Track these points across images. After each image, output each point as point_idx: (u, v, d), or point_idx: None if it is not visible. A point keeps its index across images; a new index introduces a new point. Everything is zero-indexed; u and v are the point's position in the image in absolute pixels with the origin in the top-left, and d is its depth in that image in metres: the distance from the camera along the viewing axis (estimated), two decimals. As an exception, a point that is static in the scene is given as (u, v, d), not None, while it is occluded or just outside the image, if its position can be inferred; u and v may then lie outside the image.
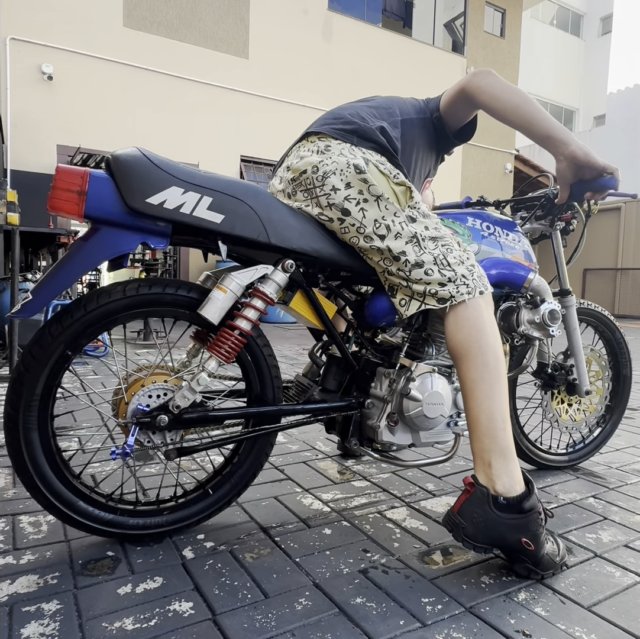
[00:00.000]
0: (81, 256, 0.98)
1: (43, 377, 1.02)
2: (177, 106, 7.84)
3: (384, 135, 1.21)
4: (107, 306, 1.04)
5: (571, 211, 1.52)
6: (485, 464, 1.08)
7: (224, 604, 0.94)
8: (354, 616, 0.92)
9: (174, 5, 7.71)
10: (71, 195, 0.95)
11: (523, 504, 1.06)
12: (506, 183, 11.43)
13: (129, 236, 1.00)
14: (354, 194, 1.13)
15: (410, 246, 1.13)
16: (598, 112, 17.59)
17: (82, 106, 7.21)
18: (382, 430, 1.23)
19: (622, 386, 1.81)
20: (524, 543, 1.04)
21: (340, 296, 1.30)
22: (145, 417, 1.07)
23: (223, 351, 1.08)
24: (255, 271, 1.10)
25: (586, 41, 18.32)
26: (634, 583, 1.06)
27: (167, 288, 1.08)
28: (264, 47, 8.43)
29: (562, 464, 1.72)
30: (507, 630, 0.89)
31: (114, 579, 1.01)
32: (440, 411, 1.24)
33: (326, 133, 1.20)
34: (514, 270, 1.36)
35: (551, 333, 1.38)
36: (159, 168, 0.99)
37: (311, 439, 1.97)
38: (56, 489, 1.06)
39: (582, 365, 1.63)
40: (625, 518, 1.36)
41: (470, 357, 1.10)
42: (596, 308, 1.74)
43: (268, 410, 1.18)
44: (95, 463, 1.61)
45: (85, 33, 7.15)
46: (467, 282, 1.13)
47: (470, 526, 1.05)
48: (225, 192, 1.04)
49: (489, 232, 1.35)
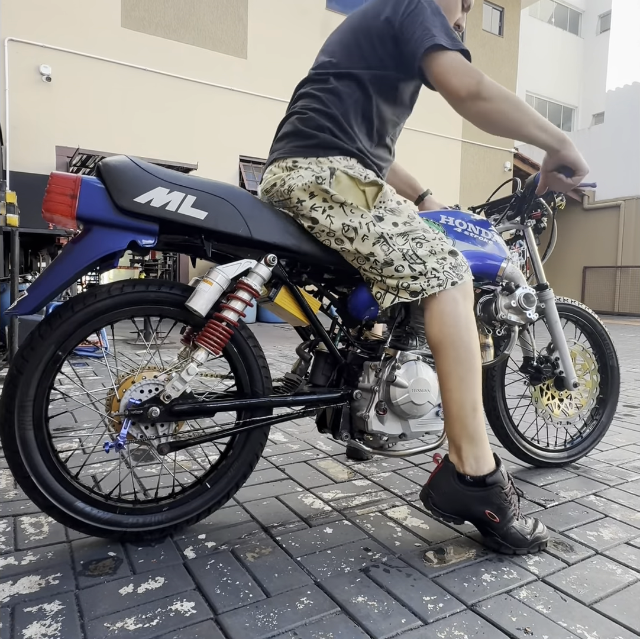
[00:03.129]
0: (74, 255, 1.02)
1: (35, 379, 1.04)
2: (175, 106, 7.84)
3: (347, 139, 1.22)
4: (93, 306, 1.07)
5: (540, 209, 1.57)
6: (456, 447, 1.17)
7: (225, 603, 0.94)
8: (356, 615, 0.92)
9: (172, 5, 7.71)
10: (64, 198, 1.01)
11: (486, 479, 1.14)
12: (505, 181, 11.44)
13: (119, 234, 1.05)
14: (319, 203, 1.18)
15: (377, 246, 1.16)
16: (597, 110, 17.57)
17: (81, 107, 7.21)
18: (372, 420, 1.25)
19: (610, 376, 1.82)
20: (488, 514, 1.13)
21: (325, 293, 1.35)
22: (137, 410, 1.09)
23: (212, 342, 1.12)
24: (240, 265, 1.15)
25: (585, 39, 18.30)
26: (635, 580, 1.06)
27: (150, 286, 1.12)
28: (263, 46, 8.43)
29: (562, 460, 1.72)
30: (508, 628, 0.89)
31: (116, 580, 1.01)
32: (427, 397, 1.27)
33: (291, 156, 1.23)
34: (487, 260, 1.40)
35: (528, 316, 1.41)
36: (145, 171, 1.06)
37: (312, 439, 1.97)
38: (54, 490, 1.06)
39: (567, 358, 1.63)
40: (626, 515, 1.36)
41: (442, 350, 1.16)
42: (574, 303, 1.75)
43: (258, 401, 1.20)
44: (96, 464, 1.61)
45: (84, 34, 7.15)
46: (438, 275, 1.16)
47: (437, 496, 1.17)
48: (208, 191, 1.11)
49: (462, 228, 1.39)
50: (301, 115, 1.25)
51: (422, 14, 1.15)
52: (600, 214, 12.63)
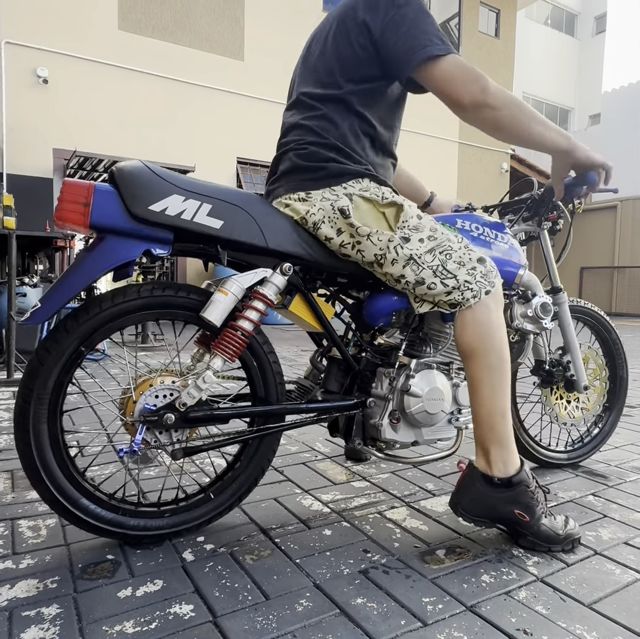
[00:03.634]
0: (87, 265, 1.01)
1: (56, 372, 1.04)
2: (173, 109, 7.84)
3: (353, 159, 1.18)
4: (121, 305, 1.07)
5: (557, 211, 1.55)
6: (484, 451, 1.19)
7: (224, 606, 0.94)
8: (355, 617, 0.92)
9: (169, 8, 7.72)
10: (77, 206, 0.99)
11: (512, 479, 1.16)
12: (502, 182, 11.46)
13: (133, 244, 1.04)
14: (347, 239, 1.16)
15: (408, 268, 1.15)
16: (593, 111, 17.63)
17: (78, 109, 7.20)
18: (385, 428, 1.24)
19: (618, 386, 1.82)
20: (517, 514, 1.15)
21: (339, 299, 1.33)
22: (152, 416, 1.09)
23: (228, 349, 1.11)
24: (255, 274, 1.13)
25: (580, 40, 18.36)
26: (634, 580, 1.06)
27: (179, 291, 1.12)
28: (260, 48, 8.44)
29: (562, 461, 1.72)
30: (508, 629, 0.89)
31: (114, 583, 1.00)
32: (440, 406, 1.26)
33: (302, 189, 1.18)
34: (504, 267, 1.38)
35: (544, 326, 1.40)
36: (160, 178, 1.04)
37: (310, 441, 1.97)
38: (61, 485, 1.06)
39: (578, 361, 1.64)
40: (624, 515, 1.37)
41: (475, 358, 1.16)
42: (592, 307, 1.75)
43: (272, 408, 1.19)
44: (94, 467, 1.61)
45: (80, 36, 7.15)
46: (471, 287, 1.15)
47: (466, 502, 1.19)
48: (224, 199, 1.09)
49: (478, 232, 1.37)
50: (300, 151, 1.19)
51: (406, 16, 1.08)
52: (597, 214, 12.66)
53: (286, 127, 1.27)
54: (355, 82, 1.18)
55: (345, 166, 1.17)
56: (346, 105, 1.18)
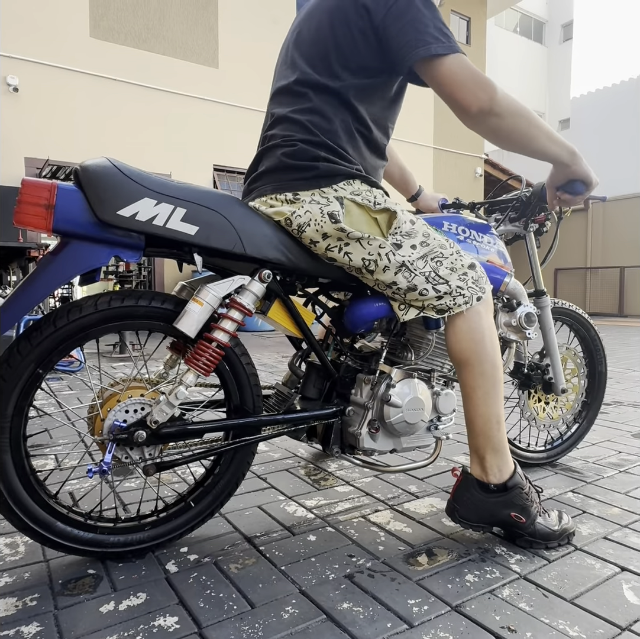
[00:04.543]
0: (51, 271, 0.95)
1: (14, 398, 0.99)
2: (147, 116, 7.78)
3: (345, 159, 1.14)
4: (78, 321, 1.01)
5: (544, 213, 1.55)
6: (479, 458, 1.20)
7: (209, 616, 0.93)
8: (342, 622, 0.91)
9: (142, 15, 7.67)
10: (39, 209, 0.91)
11: (507, 483, 1.18)
12: (477, 186, 11.64)
13: (100, 250, 0.98)
14: (334, 243, 1.11)
15: (400, 274, 1.13)
16: (563, 116, 18.07)
17: (50, 118, 7.10)
18: (364, 437, 1.23)
19: (597, 382, 1.85)
20: (514, 517, 1.17)
21: (319, 303, 1.30)
22: (123, 434, 1.04)
23: (201, 364, 1.07)
24: (232, 282, 1.08)
25: (549, 48, 18.83)
26: (614, 573, 1.08)
27: (140, 300, 1.06)
28: (234, 56, 8.44)
29: (541, 461, 1.75)
30: (492, 627, 0.90)
31: (96, 598, 0.98)
32: (420, 416, 1.25)
33: (290, 189, 1.13)
34: (490, 274, 1.37)
35: (527, 336, 1.40)
36: (130, 179, 0.97)
37: (293, 447, 1.96)
38: (32, 511, 1.03)
39: (557, 364, 1.66)
40: (603, 511, 1.39)
41: (469, 366, 1.16)
42: (571, 307, 1.78)
43: (248, 421, 1.16)
44: (73, 480, 1.58)
45: (51, 44, 7.06)
46: (463, 292, 1.15)
47: (463, 509, 1.19)
48: (199, 203, 1.02)
49: (464, 235, 1.36)
50: (288, 148, 1.13)
51: (410, 4, 1.02)
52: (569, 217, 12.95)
53: (273, 118, 1.18)
54: (352, 71, 1.11)
55: (336, 166, 1.12)
56: (340, 99, 1.12)
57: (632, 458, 1.84)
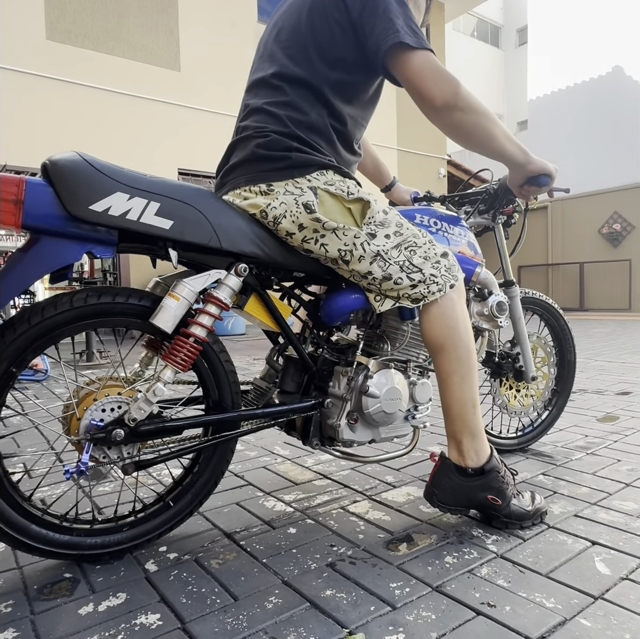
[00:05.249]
0: (20, 269, 0.91)
1: None
2: (107, 120, 7.64)
3: (319, 151, 1.15)
4: (53, 318, 0.98)
5: (512, 205, 1.59)
6: (456, 442, 1.22)
7: (192, 611, 0.92)
8: (326, 608, 0.92)
9: (100, 17, 7.54)
10: (7, 205, 0.88)
11: (484, 467, 1.21)
12: (440, 187, 11.85)
13: (72, 246, 0.95)
14: (310, 234, 1.12)
15: (375, 264, 1.14)
16: (521, 118, 18.58)
17: (6, 122, 6.89)
18: (343, 429, 1.24)
19: (567, 370, 1.91)
20: (490, 500, 1.20)
21: (295, 297, 1.31)
22: (100, 433, 1.02)
23: (179, 360, 1.05)
24: (208, 277, 1.07)
25: (505, 51, 19.35)
26: (585, 547, 1.12)
27: (117, 297, 1.05)
28: (196, 59, 8.38)
29: (512, 447, 1.79)
30: (473, 603, 0.92)
31: (74, 601, 0.96)
32: (398, 406, 1.26)
33: (263, 180, 1.13)
34: (462, 264, 1.41)
35: (499, 324, 1.44)
36: (101, 173, 0.95)
37: (269, 445, 1.96)
38: (6, 515, 1.00)
39: (527, 353, 1.71)
40: (572, 491, 1.44)
41: (444, 352, 1.18)
42: (541, 297, 1.83)
43: (227, 416, 1.15)
44: (44, 487, 1.53)
45: (5, 46, 6.86)
46: (437, 280, 1.17)
47: (441, 493, 1.22)
48: (173, 196, 1.01)
49: (436, 227, 1.39)
50: (261, 139, 1.14)
51: (384, 2, 1.07)
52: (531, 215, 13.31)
53: (248, 109, 1.19)
54: (329, 64, 1.13)
55: (309, 156, 1.13)
56: (317, 94, 1.14)
57: (598, 441, 1.91)
